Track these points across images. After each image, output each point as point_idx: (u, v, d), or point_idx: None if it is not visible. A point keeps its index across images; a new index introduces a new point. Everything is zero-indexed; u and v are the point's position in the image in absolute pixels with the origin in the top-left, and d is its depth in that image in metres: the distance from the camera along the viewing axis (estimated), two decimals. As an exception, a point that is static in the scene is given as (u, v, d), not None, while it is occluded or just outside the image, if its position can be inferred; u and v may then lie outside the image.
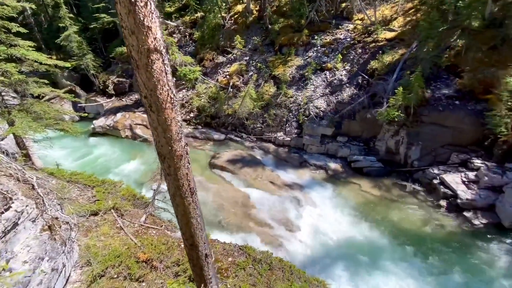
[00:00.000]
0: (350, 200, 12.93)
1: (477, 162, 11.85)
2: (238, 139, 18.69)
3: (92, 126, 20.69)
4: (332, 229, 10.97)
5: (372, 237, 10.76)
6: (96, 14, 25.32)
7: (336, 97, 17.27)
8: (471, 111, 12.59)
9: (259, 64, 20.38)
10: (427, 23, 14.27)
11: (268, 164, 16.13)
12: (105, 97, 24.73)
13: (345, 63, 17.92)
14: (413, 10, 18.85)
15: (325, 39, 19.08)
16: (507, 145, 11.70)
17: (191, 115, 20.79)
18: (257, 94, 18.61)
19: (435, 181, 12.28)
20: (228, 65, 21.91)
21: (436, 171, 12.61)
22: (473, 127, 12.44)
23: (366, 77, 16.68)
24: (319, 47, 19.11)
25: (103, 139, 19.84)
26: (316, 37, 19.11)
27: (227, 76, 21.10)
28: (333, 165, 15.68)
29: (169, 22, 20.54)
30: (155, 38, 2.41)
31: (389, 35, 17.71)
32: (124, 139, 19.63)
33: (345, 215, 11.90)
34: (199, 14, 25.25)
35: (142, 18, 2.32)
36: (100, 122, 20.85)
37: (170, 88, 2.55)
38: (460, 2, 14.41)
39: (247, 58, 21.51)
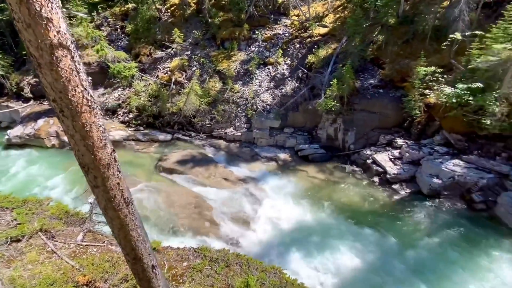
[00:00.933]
0: (299, 186, 13.72)
1: (400, 141, 13.82)
2: (186, 138, 17.98)
3: (7, 137, 17.33)
4: (285, 216, 11.51)
5: (320, 217, 11.68)
6: (2, 5, 20.95)
7: (280, 91, 17.95)
8: (392, 98, 14.54)
9: (202, 59, 19.78)
10: (353, 20, 15.79)
11: (221, 161, 15.97)
12: (20, 102, 20.91)
13: (286, 57, 18.69)
14: (341, 7, 20.62)
15: (266, 34, 19.52)
16: (421, 125, 13.91)
17: (130, 116, 19.10)
18: (203, 90, 18.11)
19: (369, 161, 13.91)
20: (168, 60, 20.70)
21: (368, 152, 14.28)
22: (395, 112, 14.41)
23: (305, 70, 17.72)
24: (260, 42, 19.47)
25: (22, 152, 16.81)
26: (257, 32, 19.41)
27: (168, 72, 19.94)
28: (282, 156, 16.36)
29: (79, 13, 18.06)
30: (58, 32, 2.06)
31: (323, 30, 19.06)
32: (50, 149, 16.99)
33: (296, 201, 12.60)
34: (130, 6, 23.06)
35: (38, 8, 1.95)
36: (16, 132, 17.59)
37: (85, 89, 2.23)
38: (378, 1, 16.34)
39: (189, 52, 20.66)
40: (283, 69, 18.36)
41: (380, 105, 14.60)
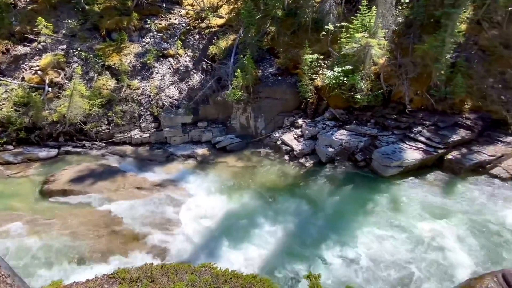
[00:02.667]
0: (221, 178, 13.84)
1: (300, 121, 15.76)
2: (78, 150, 15.04)
3: None
4: (211, 211, 11.45)
5: (244, 202, 12.21)
6: None
7: (187, 84, 17.22)
8: (289, 84, 16.27)
9: (84, 53, 16.65)
10: (246, 12, 16.49)
11: (129, 169, 14.21)
12: None
13: (187, 49, 17.94)
14: (234, -1, 21.15)
15: (160, 23, 18.08)
16: (314, 105, 16.19)
17: (-11, 133, 14.43)
18: (91, 90, 15.38)
19: (278, 142, 15.36)
20: (36, 57, 16.50)
21: (277, 134, 15.71)
22: (293, 96, 16.23)
23: (209, 62, 17.55)
24: (155, 33, 17.91)
25: None
26: (149, 22, 17.72)
27: (39, 72, 15.93)
28: (200, 151, 16.00)
29: None
30: None
31: (220, 21, 19.15)
32: None
33: (220, 194, 12.69)
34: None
35: None
36: None
37: None
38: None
39: (64, 46, 17.02)
40: (186, 61, 17.60)
41: (280, 91, 16.11)
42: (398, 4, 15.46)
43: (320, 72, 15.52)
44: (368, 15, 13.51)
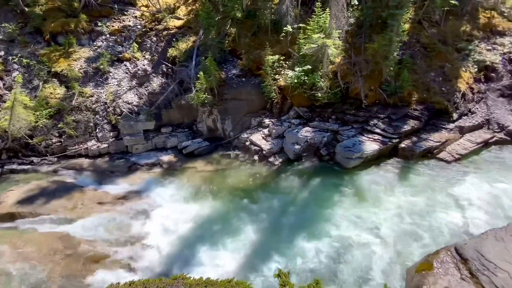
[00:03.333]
0: (190, 184, 13.45)
1: (267, 121, 15.98)
2: (26, 167, 13.53)
3: None
4: (182, 220, 11.06)
5: (217, 206, 12.02)
6: None
7: (146, 89, 16.43)
8: (254, 85, 16.40)
9: (25, 60, 15.02)
10: (205, 13, 16.23)
11: (88, 184, 13.13)
12: None
13: (144, 52, 17.12)
14: (192, 0, 20.71)
15: (112, 26, 17.00)
16: (279, 104, 16.52)
17: None
18: (37, 100, 13.90)
19: (247, 143, 15.39)
20: (-36, 66, 14.41)
21: (245, 135, 15.73)
22: (258, 96, 16.37)
23: (169, 65, 16.95)
24: (108, 36, 16.81)
25: None
26: (100, 24, 16.55)
27: (-31, 82, 13.94)
28: (166, 158, 15.40)
29: None
30: None
31: (178, 23, 18.61)
32: None
33: (190, 201, 12.33)
34: None
35: None
36: None
37: None
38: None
39: (2, 53, 15.15)
40: (144, 65, 16.79)
41: (245, 92, 16.16)
42: (349, 6, 16.47)
43: (282, 72, 15.90)
44: (322, 17, 14.17)
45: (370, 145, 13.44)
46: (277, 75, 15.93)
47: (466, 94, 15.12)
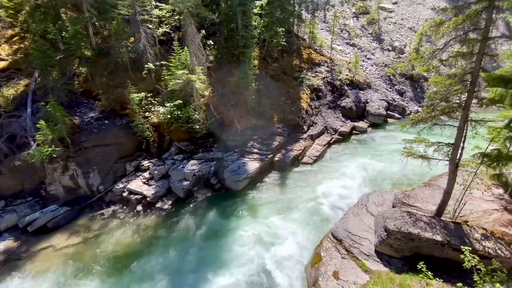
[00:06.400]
0: (47, 273, 9.81)
1: (145, 163, 14.38)
2: None
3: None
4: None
5: (96, 285, 9.25)
6: None
7: None
8: (121, 126, 14.57)
9: None
10: (39, 52, 13.36)
11: None
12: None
13: None
14: (17, 37, 16.67)
15: None
16: (156, 143, 15.37)
17: None
18: None
19: (125, 194, 13.13)
20: None
21: (121, 185, 13.43)
22: (130, 138, 14.63)
23: (-13, 117, 12.49)
24: None
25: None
26: None
27: None
28: (1, 245, 10.80)
29: None
30: None
31: (0, 64, 14.36)
32: None
33: (48, 294, 8.89)
34: None
35: None
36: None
37: None
38: (64, 32, 15.05)
39: None
40: None
41: (112, 135, 14.05)
42: (206, 45, 18.10)
43: (153, 109, 15.07)
44: (182, 54, 14.75)
45: (253, 164, 14.61)
46: (147, 113, 14.91)
47: (308, 110, 19.52)
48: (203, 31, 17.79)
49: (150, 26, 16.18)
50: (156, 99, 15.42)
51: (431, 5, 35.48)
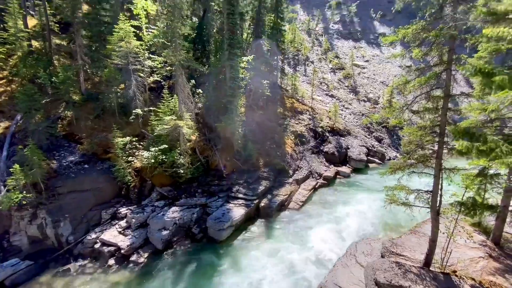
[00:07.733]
0: None
1: (123, 210, 13.54)
2: None
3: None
4: None
5: None
6: None
7: None
8: (101, 171, 14.05)
9: None
10: (25, 96, 13.40)
11: None
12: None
13: None
14: (5, 80, 16.78)
15: None
16: (137, 188, 14.76)
17: None
18: None
19: (97, 245, 11.97)
20: None
21: (94, 235, 12.33)
22: (109, 183, 14.00)
23: (-45, 160, 11.71)
24: None
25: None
26: None
27: None
28: None
29: None
30: None
31: (-22, 105, 14.07)
32: None
33: None
34: None
35: None
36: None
37: None
38: (54, 78, 15.41)
39: None
40: None
41: (90, 180, 13.41)
42: (195, 94, 18.97)
43: (137, 153, 14.86)
44: (172, 102, 15.27)
45: (238, 211, 14.13)
46: (130, 157, 14.63)
47: (292, 155, 19.98)
48: (193, 81, 18.82)
49: (142, 75, 16.97)
50: (141, 143, 15.33)
51: (399, 63, 40.32)
